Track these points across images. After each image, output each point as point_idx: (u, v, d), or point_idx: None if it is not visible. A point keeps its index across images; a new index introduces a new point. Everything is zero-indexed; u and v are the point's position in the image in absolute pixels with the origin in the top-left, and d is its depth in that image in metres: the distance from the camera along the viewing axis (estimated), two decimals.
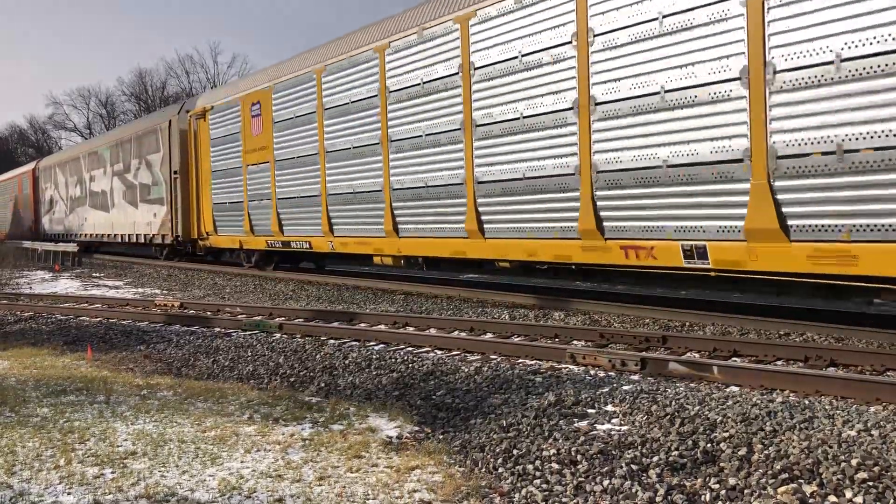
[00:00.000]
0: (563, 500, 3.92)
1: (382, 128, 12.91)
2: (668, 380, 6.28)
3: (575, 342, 8.17)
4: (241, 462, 4.69)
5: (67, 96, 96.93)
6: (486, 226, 11.03)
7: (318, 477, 4.38)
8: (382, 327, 9.64)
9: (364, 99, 13.40)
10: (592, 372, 6.70)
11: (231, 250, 19.86)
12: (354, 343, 8.75)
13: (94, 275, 21.89)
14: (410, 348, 8.31)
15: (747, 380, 6.04)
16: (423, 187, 12.12)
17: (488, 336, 8.74)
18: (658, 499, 3.80)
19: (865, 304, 9.39)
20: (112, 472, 4.52)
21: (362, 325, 9.99)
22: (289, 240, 16.04)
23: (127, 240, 26.76)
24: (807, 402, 5.29)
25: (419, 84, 12.03)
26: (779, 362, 6.84)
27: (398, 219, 12.76)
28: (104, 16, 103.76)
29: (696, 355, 7.28)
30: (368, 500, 4.04)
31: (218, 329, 10.23)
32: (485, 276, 15.52)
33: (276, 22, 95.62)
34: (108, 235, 28.88)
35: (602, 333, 8.21)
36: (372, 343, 8.72)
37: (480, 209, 11.09)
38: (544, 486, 4.08)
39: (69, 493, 4.21)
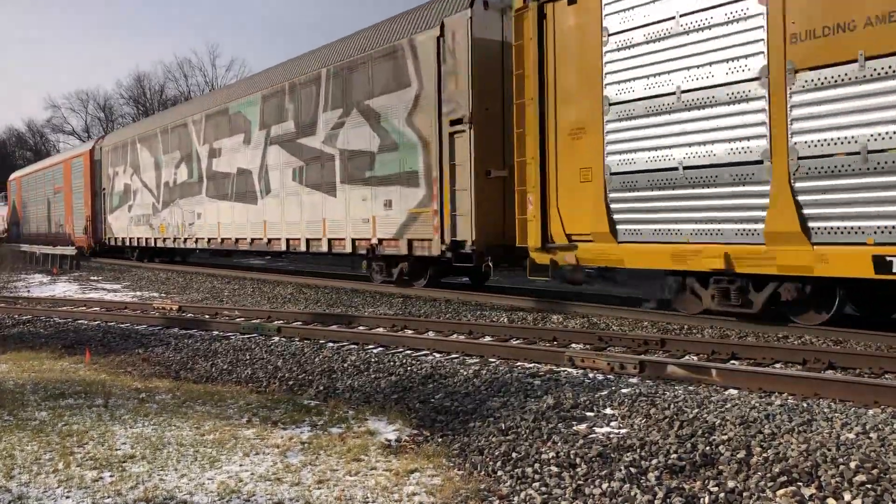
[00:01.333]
0: (563, 502, 3.92)
1: None
2: (667, 382, 6.28)
3: (573, 345, 8.17)
4: (240, 465, 4.69)
5: (66, 99, 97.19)
6: None
7: (317, 480, 4.38)
8: (381, 330, 9.63)
9: None
10: (591, 375, 6.70)
11: (653, 274, 9.91)
12: (353, 346, 8.75)
13: (91, 278, 21.88)
14: (409, 351, 8.31)
15: (746, 382, 6.04)
16: None
17: (487, 339, 8.74)
18: (657, 501, 3.80)
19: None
20: (111, 476, 4.52)
21: (361, 328, 9.98)
22: None
23: (304, 248, 16.88)
24: (805, 404, 5.30)
25: None
26: (777, 365, 6.85)
27: None
28: (103, 18, 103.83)
29: (695, 358, 7.29)
30: (367, 502, 4.04)
31: (216, 332, 10.22)
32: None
33: (274, 25, 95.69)
34: (255, 241, 18.72)
35: (601, 336, 8.22)
36: (371, 346, 8.72)
37: None
38: (543, 488, 4.08)
39: (68, 497, 4.21)
